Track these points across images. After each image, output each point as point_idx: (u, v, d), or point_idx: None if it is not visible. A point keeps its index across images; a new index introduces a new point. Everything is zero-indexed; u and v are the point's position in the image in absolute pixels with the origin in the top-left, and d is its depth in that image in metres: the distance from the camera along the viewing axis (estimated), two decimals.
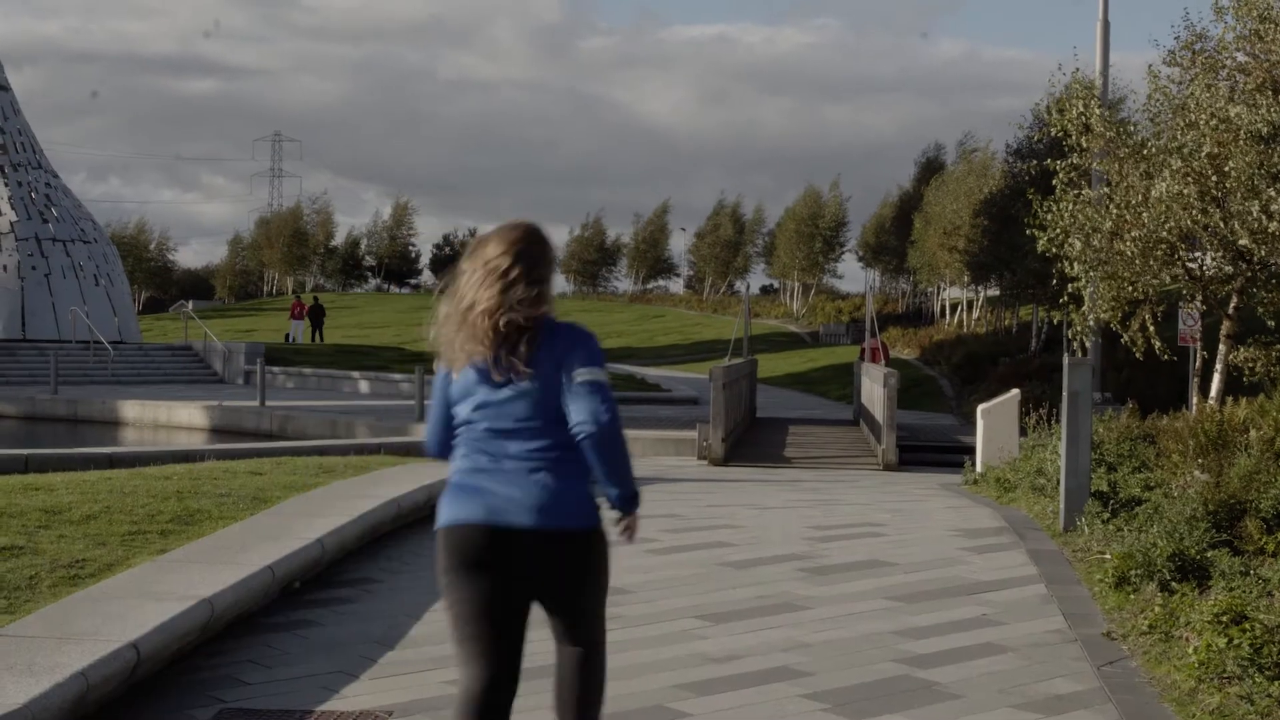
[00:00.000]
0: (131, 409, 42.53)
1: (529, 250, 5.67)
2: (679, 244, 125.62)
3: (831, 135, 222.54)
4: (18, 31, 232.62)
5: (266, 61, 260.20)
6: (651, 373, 60.76)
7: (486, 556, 5.55)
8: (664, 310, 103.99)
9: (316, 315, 74.08)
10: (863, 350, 47.85)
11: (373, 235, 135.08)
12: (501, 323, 5.53)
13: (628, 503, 5.70)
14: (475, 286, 5.62)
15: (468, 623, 5.61)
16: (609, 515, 5.70)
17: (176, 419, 40.98)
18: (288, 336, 72.22)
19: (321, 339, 72.32)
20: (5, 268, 57.15)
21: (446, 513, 5.65)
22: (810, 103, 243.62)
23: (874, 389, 30.80)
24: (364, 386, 50.11)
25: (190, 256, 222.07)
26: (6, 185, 58.41)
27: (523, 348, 5.55)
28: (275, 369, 50.83)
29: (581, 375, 5.55)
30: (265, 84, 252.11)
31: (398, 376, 49.42)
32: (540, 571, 5.59)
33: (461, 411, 5.71)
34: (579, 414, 5.51)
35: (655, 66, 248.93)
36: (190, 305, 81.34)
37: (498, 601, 5.59)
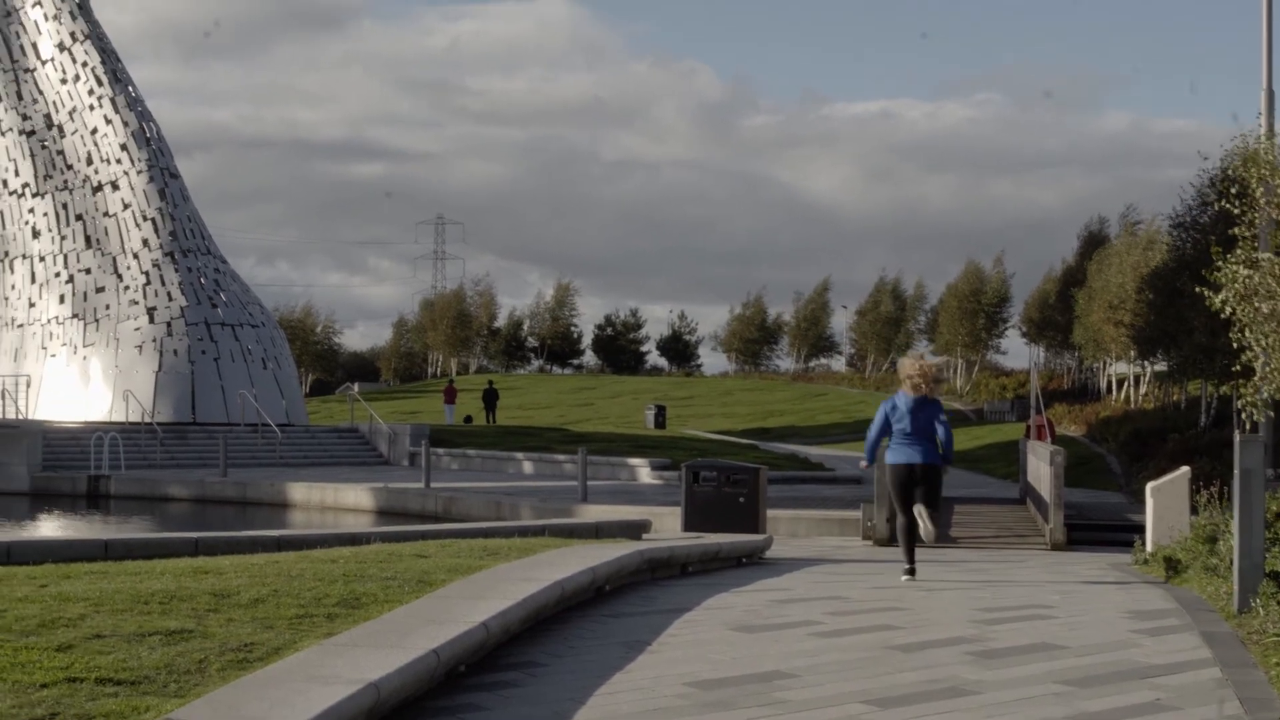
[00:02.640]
0: (299, 491, 43.08)
1: (929, 371, 17.56)
2: (840, 322, 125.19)
3: (995, 210, 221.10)
4: (191, 119, 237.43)
5: (433, 145, 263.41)
6: (814, 452, 60.56)
7: (904, 476, 17.08)
8: (826, 388, 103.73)
9: (490, 398, 75.09)
10: (1028, 427, 47.35)
11: (535, 316, 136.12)
12: (924, 389, 17.22)
13: (948, 461, 17.34)
14: (915, 376, 17.35)
15: (899, 499, 17.25)
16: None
17: (343, 501, 41.45)
18: (467, 419, 72.98)
19: (494, 421, 73.08)
20: (175, 352, 58.24)
21: (891, 458, 17.20)
22: (974, 178, 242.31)
23: (1040, 467, 30.43)
24: (528, 467, 50.38)
25: (356, 339, 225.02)
26: (176, 271, 59.61)
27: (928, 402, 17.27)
28: (440, 450, 51.26)
29: (944, 421, 17.35)
30: (431, 167, 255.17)
31: (561, 457, 49.63)
32: (923, 478, 17.03)
33: (897, 419, 17.18)
34: (943, 433, 17.18)
35: (818, 144, 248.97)
36: (356, 387, 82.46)
37: (908, 489, 17.08)
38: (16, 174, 62.36)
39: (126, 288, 59.60)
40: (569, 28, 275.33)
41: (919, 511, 17.09)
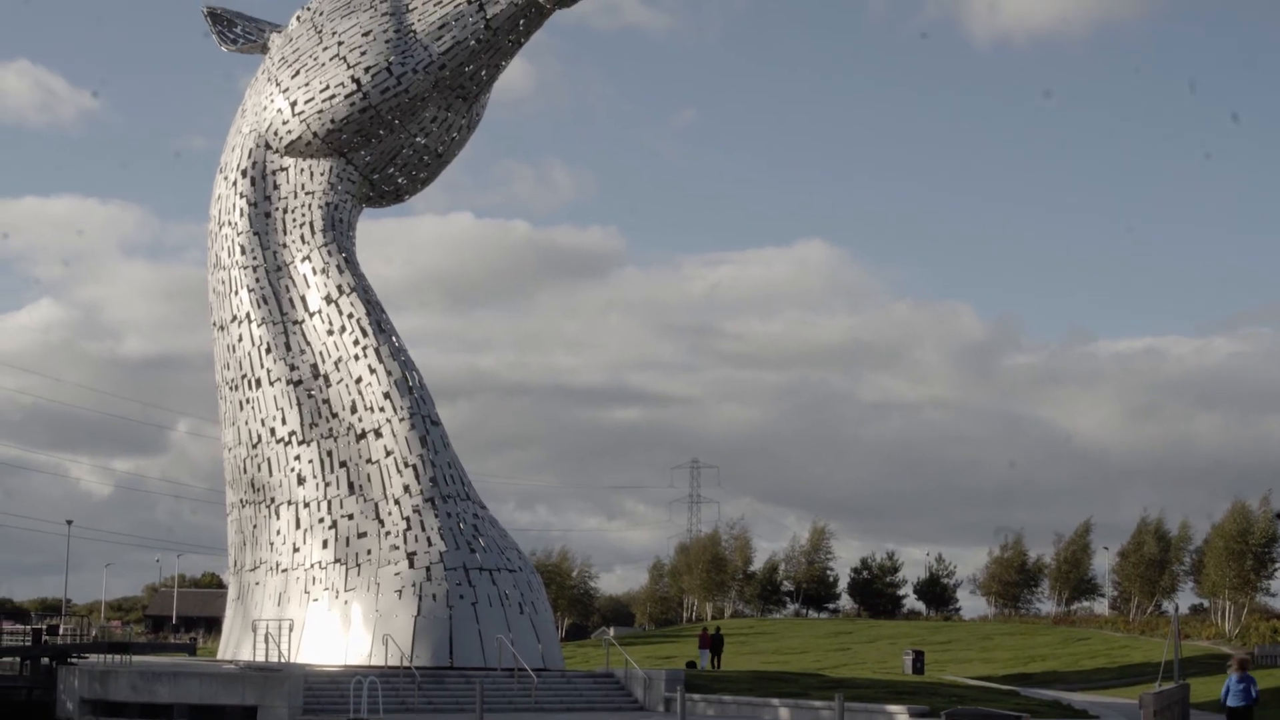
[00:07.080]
0: None
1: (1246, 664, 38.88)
2: (1102, 563, 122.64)
3: (1264, 447, 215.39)
4: (455, 366, 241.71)
5: (691, 389, 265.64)
6: (1078, 698, 59.02)
7: (1233, 713, 37.27)
8: (1089, 632, 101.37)
9: (716, 644, 75.65)
10: None
11: (790, 560, 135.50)
12: (1239, 673, 37.73)
13: (1257, 703, 37.53)
14: (1238, 669, 37.97)
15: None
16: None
17: None
18: (689, 664, 73.07)
19: (719, 666, 73.27)
20: (434, 597, 58.84)
21: (1229, 703, 37.33)
22: (1242, 414, 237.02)
23: None
24: (784, 714, 49.88)
25: (612, 583, 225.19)
26: (436, 516, 60.48)
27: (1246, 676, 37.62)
28: (695, 696, 51.01)
29: (1253, 683, 37.40)
30: (690, 411, 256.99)
31: (818, 703, 49.05)
32: (1244, 715, 37.33)
33: (1232, 686, 37.15)
34: (1254, 691, 37.22)
35: (1081, 383, 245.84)
36: (611, 632, 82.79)
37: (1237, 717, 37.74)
38: (284, 422, 63.97)
39: (388, 533, 60.52)
40: (827, 270, 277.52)
41: None
